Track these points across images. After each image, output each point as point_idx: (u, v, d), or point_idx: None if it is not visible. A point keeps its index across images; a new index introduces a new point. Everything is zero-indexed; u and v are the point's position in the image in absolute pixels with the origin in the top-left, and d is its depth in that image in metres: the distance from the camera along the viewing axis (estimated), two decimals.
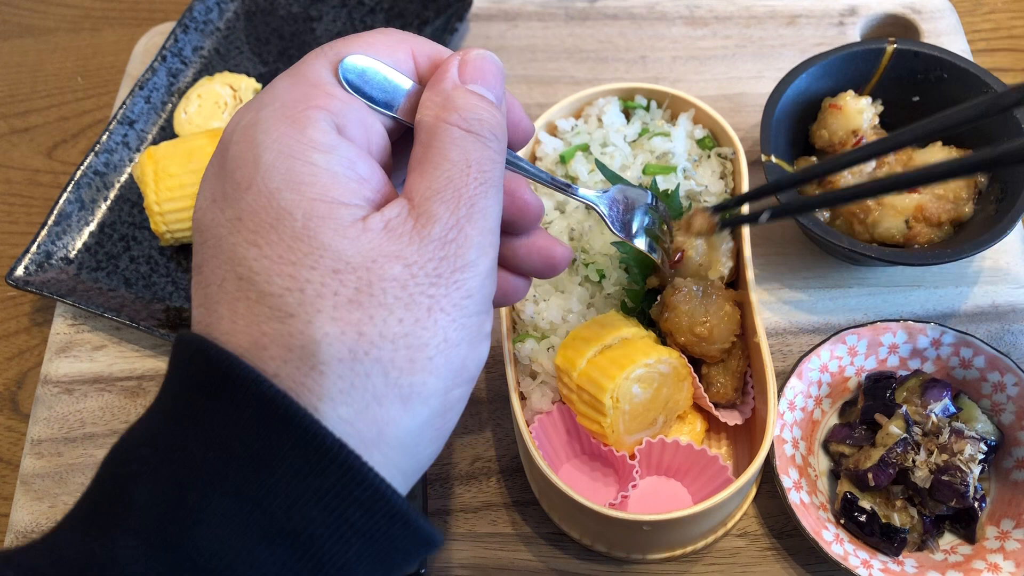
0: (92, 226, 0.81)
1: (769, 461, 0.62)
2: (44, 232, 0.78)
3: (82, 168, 0.81)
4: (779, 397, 0.64)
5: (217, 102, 0.85)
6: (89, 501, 0.33)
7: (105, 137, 0.83)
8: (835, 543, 0.60)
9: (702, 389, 0.64)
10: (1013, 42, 0.94)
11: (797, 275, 0.77)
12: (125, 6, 1.03)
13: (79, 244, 0.80)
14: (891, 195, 0.72)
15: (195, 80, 0.89)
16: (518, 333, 0.69)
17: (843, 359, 0.68)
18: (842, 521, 0.63)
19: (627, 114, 0.77)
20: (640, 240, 0.57)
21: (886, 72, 0.76)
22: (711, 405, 0.65)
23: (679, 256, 0.65)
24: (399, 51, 0.40)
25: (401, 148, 0.41)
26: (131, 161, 0.84)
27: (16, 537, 0.68)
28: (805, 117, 0.76)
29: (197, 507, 0.30)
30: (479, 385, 0.73)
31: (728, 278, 0.68)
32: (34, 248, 0.77)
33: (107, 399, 0.74)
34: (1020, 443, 0.64)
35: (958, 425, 0.63)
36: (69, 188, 0.80)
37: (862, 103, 0.73)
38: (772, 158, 0.72)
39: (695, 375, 0.64)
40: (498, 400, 0.72)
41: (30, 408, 0.75)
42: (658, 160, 0.73)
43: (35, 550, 0.32)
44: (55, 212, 0.79)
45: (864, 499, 0.62)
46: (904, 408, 0.63)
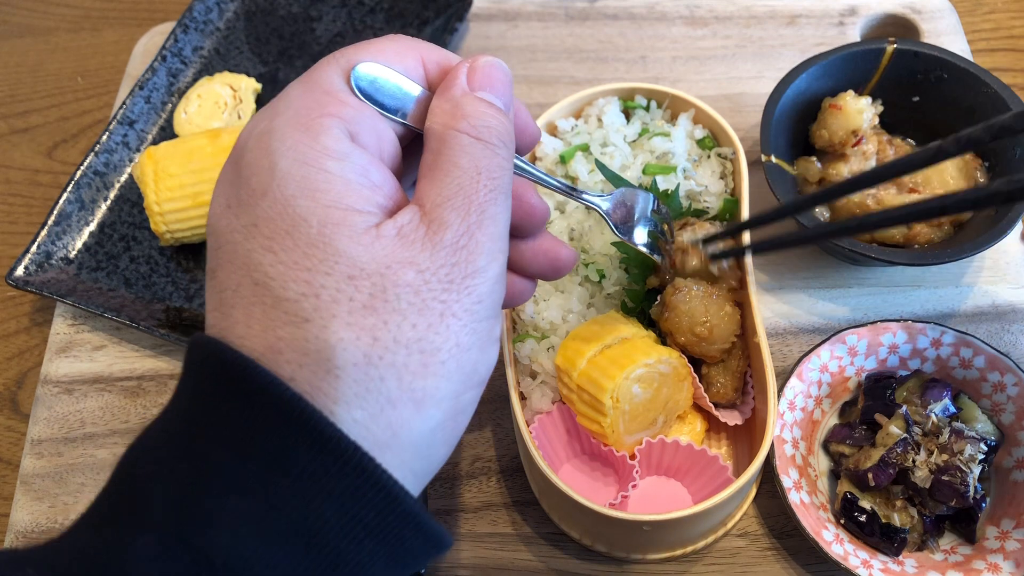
0: (92, 226, 0.81)
1: (769, 461, 0.62)
2: (44, 232, 0.78)
3: (82, 168, 0.81)
4: (779, 397, 0.64)
5: (217, 102, 0.85)
6: (106, 501, 0.33)
7: (105, 137, 0.83)
8: (835, 543, 0.60)
9: (702, 389, 0.64)
10: (1013, 42, 0.94)
11: (797, 275, 0.77)
12: (125, 6, 1.03)
13: (79, 244, 0.80)
14: (884, 187, 0.72)
15: (195, 80, 0.89)
16: (518, 333, 0.69)
17: (843, 359, 0.68)
18: (842, 521, 0.63)
19: (627, 114, 0.77)
20: (642, 242, 0.57)
21: (886, 72, 0.76)
22: (711, 405, 0.65)
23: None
24: (409, 58, 0.40)
25: (410, 153, 0.41)
26: (131, 161, 0.84)
27: (16, 537, 0.68)
28: (805, 117, 0.76)
29: (214, 507, 0.31)
30: None
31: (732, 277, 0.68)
32: (34, 248, 0.77)
33: (107, 399, 0.74)
34: (1020, 443, 0.64)
35: (958, 425, 0.63)
36: (69, 188, 0.80)
37: (862, 103, 0.73)
38: (772, 158, 0.72)
39: (695, 375, 0.64)
40: (498, 400, 0.72)
41: (30, 408, 0.75)
42: (658, 160, 0.73)
43: (53, 548, 0.32)
44: (55, 212, 0.79)
45: (864, 499, 0.62)
46: (904, 408, 0.63)
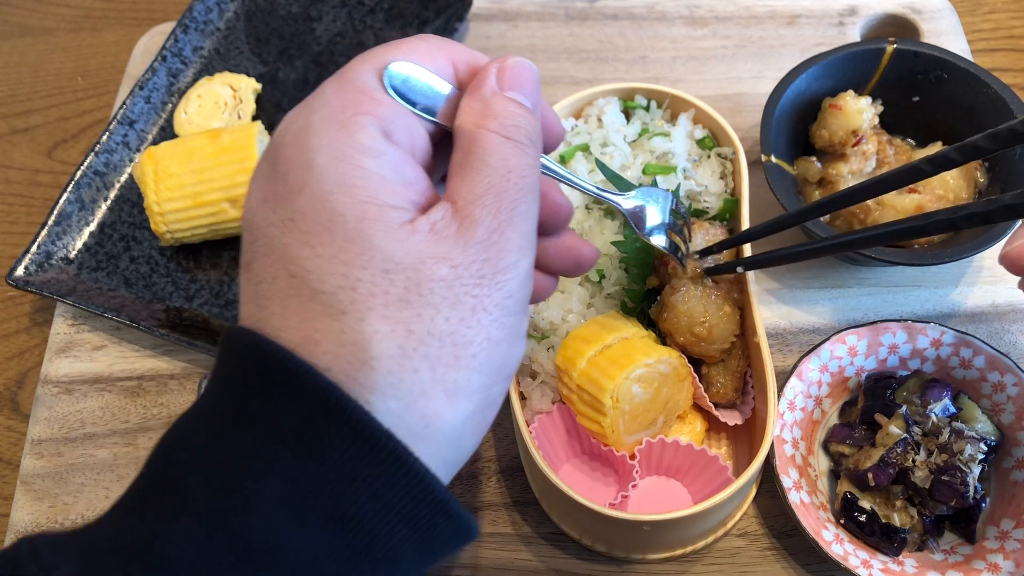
0: (92, 226, 0.81)
1: (769, 461, 0.63)
2: (44, 232, 0.78)
3: (82, 168, 0.81)
4: (779, 397, 0.64)
5: (217, 102, 0.85)
6: (141, 488, 0.34)
7: (105, 137, 0.83)
8: (835, 543, 0.60)
9: (702, 389, 0.64)
10: (1013, 42, 0.94)
11: (797, 275, 0.77)
12: (125, 6, 1.03)
13: (79, 244, 0.80)
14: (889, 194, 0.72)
15: (195, 80, 0.89)
16: None
17: (843, 359, 0.68)
18: (842, 521, 0.63)
19: (627, 114, 0.77)
20: (662, 243, 0.58)
21: (886, 72, 0.76)
22: (711, 405, 0.65)
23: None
24: (439, 57, 0.41)
25: (438, 151, 0.43)
26: (131, 161, 0.84)
27: (16, 537, 0.68)
28: (805, 117, 0.76)
29: (252, 493, 0.31)
30: None
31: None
32: (34, 248, 0.77)
33: (107, 399, 0.74)
34: (1020, 443, 0.64)
35: (958, 425, 0.63)
36: (69, 188, 0.80)
37: (862, 103, 0.73)
38: (772, 158, 0.72)
39: (695, 375, 0.64)
40: None
41: (30, 408, 0.75)
42: (658, 160, 0.73)
43: (95, 530, 0.33)
44: (55, 212, 0.79)
45: (864, 499, 0.62)
46: (904, 408, 0.63)
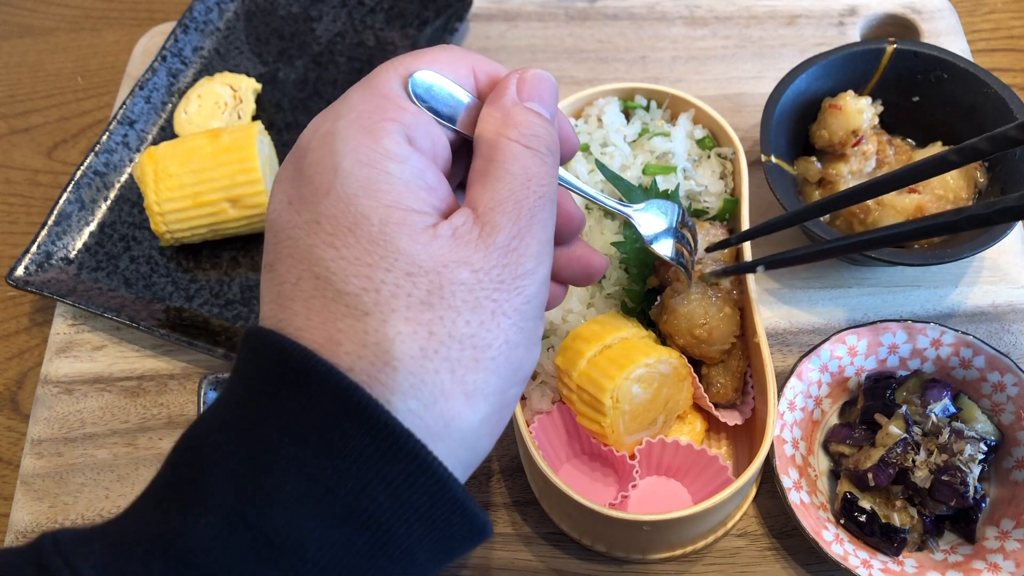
0: (92, 226, 0.81)
1: (769, 461, 0.63)
2: (44, 232, 0.78)
3: (82, 168, 0.81)
4: (779, 397, 0.64)
5: (217, 102, 0.85)
6: (163, 485, 0.35)
7: (105, 137, 0.83)
8: (835, 543, 0.60)
9: (702, 389, 0.64)
10: (1013, 42, 0.94)
11: (797, 275, 0.77)
12: (125, 6, 1.03)
13: (79, 244, 0.80)
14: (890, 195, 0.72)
15: (195, 80, 0.89)
16: None
17: (843, 359, 0.68)
18: (842, 521, 0.63)
19: (627, 114, 0.77)
20: (668, 253, 0.58)
21: (886, 72, 0.76)
22: (711, 405, 0.65)
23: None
24: (461, 67, 0.42)
25: (457, 158, 0.43)
26: (131, 161, 0.84)
27: (16, 537, 0.68)
28: (805, 117, 0.76)
29: (273, 489, 0.32)
30: None
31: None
32: (34, 248, 0.77)
33: (107, 399, 0.74)
34: (1020, 443, 0.64)
35: (958, 425, 0.63)
36: (69, 188, 0.80)
37: (862, 103, 0.73)
38: (772, 158, 0.72)
39: (695, 375, 0.64)
40: None
41: (30, 408, 0.75)
42: (658, 160, 0.73)
43: (118, 526, 0.33)
44: (55, 212, 0.79)
45: (864, 499, 0.62)
46: (904, 408, 0.63)
